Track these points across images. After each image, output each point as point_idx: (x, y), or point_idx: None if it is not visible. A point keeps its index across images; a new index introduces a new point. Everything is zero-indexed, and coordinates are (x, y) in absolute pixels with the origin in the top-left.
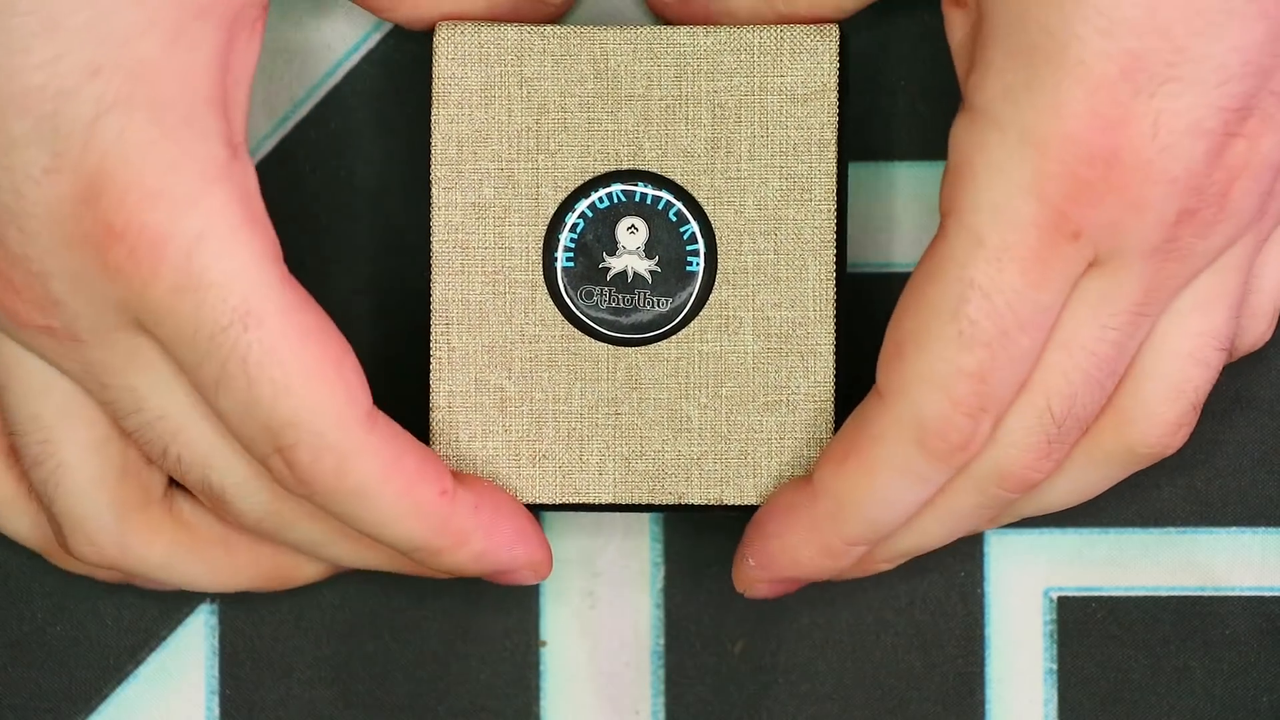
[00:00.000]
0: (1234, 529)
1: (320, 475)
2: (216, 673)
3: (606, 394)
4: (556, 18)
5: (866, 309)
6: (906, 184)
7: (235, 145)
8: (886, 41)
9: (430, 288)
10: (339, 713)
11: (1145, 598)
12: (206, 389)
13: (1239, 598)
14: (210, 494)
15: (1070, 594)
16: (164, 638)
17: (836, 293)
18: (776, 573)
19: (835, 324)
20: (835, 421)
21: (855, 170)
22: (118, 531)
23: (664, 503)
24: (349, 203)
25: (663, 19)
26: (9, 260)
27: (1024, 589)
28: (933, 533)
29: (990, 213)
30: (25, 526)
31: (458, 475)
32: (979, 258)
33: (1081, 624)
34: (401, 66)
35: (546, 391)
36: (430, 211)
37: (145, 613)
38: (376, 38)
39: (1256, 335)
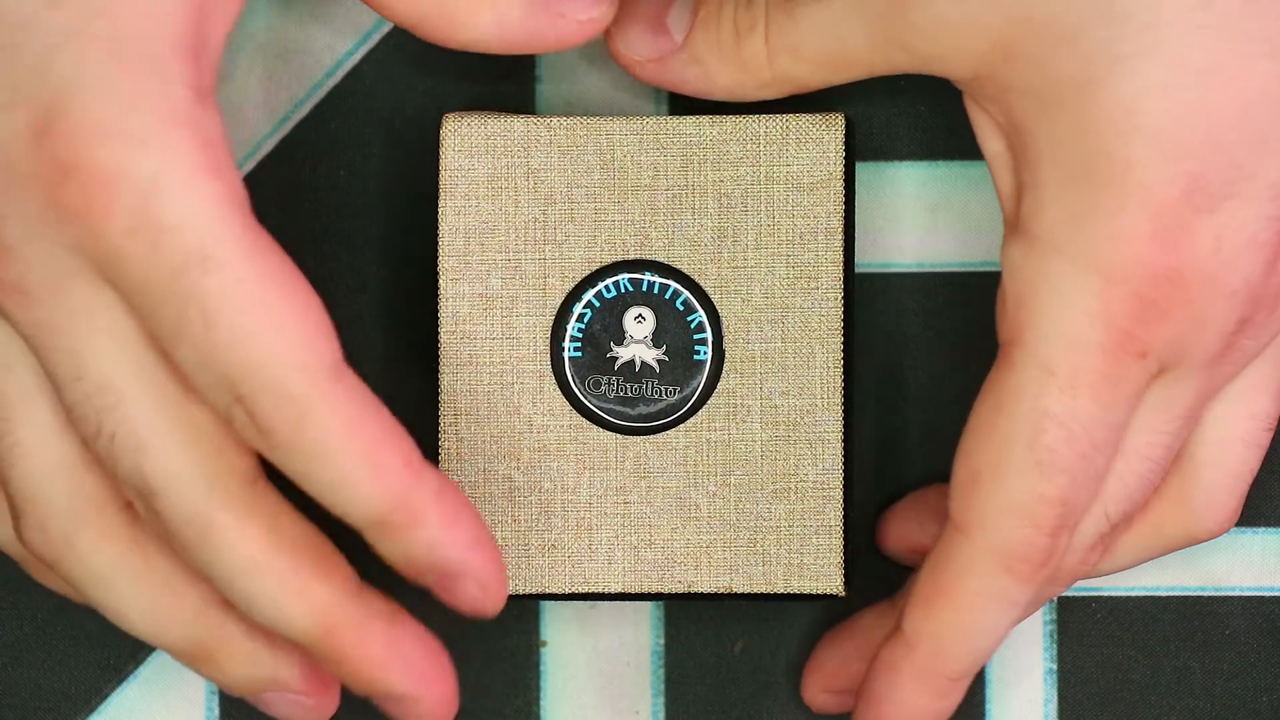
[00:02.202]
0: (1234, 529)
1: (280, 426)
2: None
3: (615, 483)
4: (580, 42)
5: (868, 309)
6: (907, 184)
7: (201, 90)
8: None
9: (438, 379)
10: (339, 714)
11: (1145, 598)
12: (165, 338)
13: (1239, 598)
14: (140, 486)
15: (1070, 594)
16: None
17: (844, 380)
18: None
19: (843, 411)
20: (844, 509)
21: (859, 170)
22: (68, 524)
23: (673, 591)
24: (349, 203)
25: (634, 77)
26: None
27: None
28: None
29: (1058, 342)
30: (4, 532)
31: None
32: (1051, 387)
33: (1081, 624)
34: (402, 67)
35: (555, 481)
36: (437, 303)
37: None
38: (377, 38)
39: None
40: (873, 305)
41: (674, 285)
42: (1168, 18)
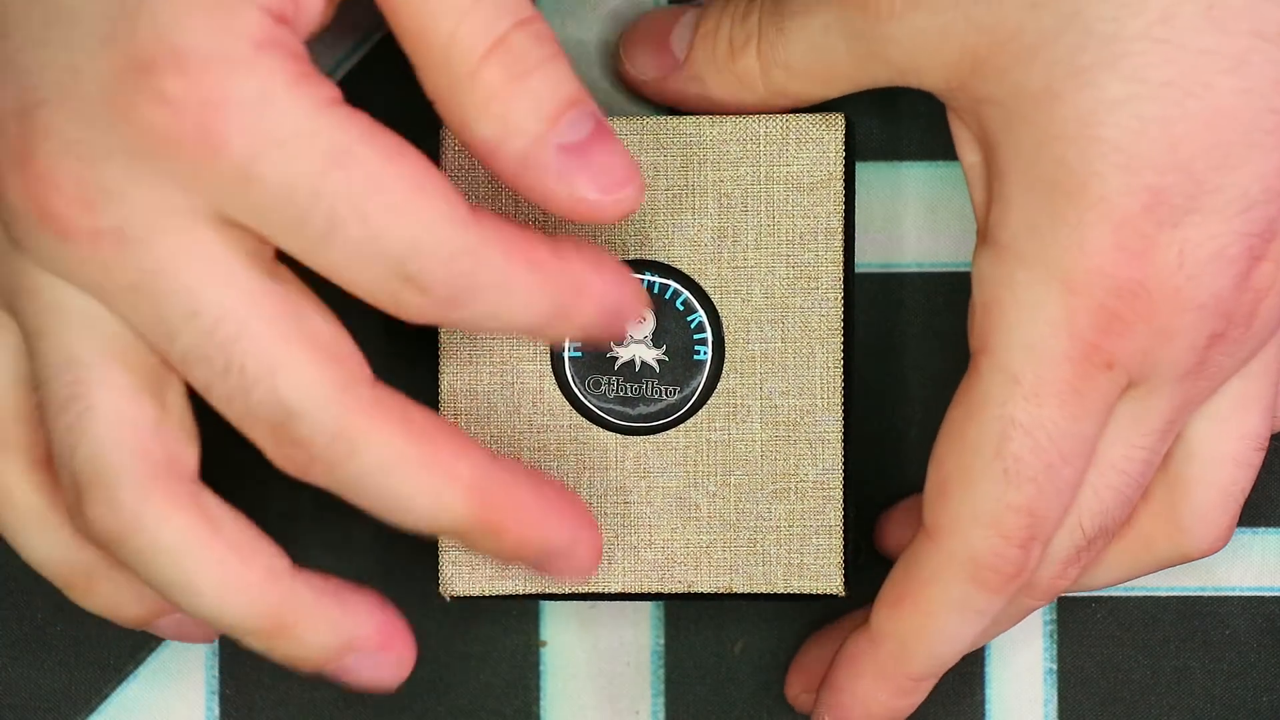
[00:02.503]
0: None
1: (456, 279)
2: (216, 673)
3: (615, 483)
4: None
5: (868, 309)
6: (907, 184)
7: (276, 14)
8: None
9: (438, 379)
10: (339, 713)
11: (1145, 598)
12: (313, 245)
13: (1239, 598)
14: (276, 412)
15: (1070, 594)
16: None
17: (844, 380)
18: None
19: (843, 411)
20: (844, 509)
21: (859, 170)
22: (138, 495)
23: (673, 591)
24: None
25: (641, 98)
26: (58, 151)
27: None
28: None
29: (1023, 350)
30: (49, 551)
31: None
32: (1016, 395)
33: (1081, 624)
34: (402, 68)
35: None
36: None
37: None
38: (376, 37)
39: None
40: (873, 305)
41: (674, 285)
42: (1129, 31)
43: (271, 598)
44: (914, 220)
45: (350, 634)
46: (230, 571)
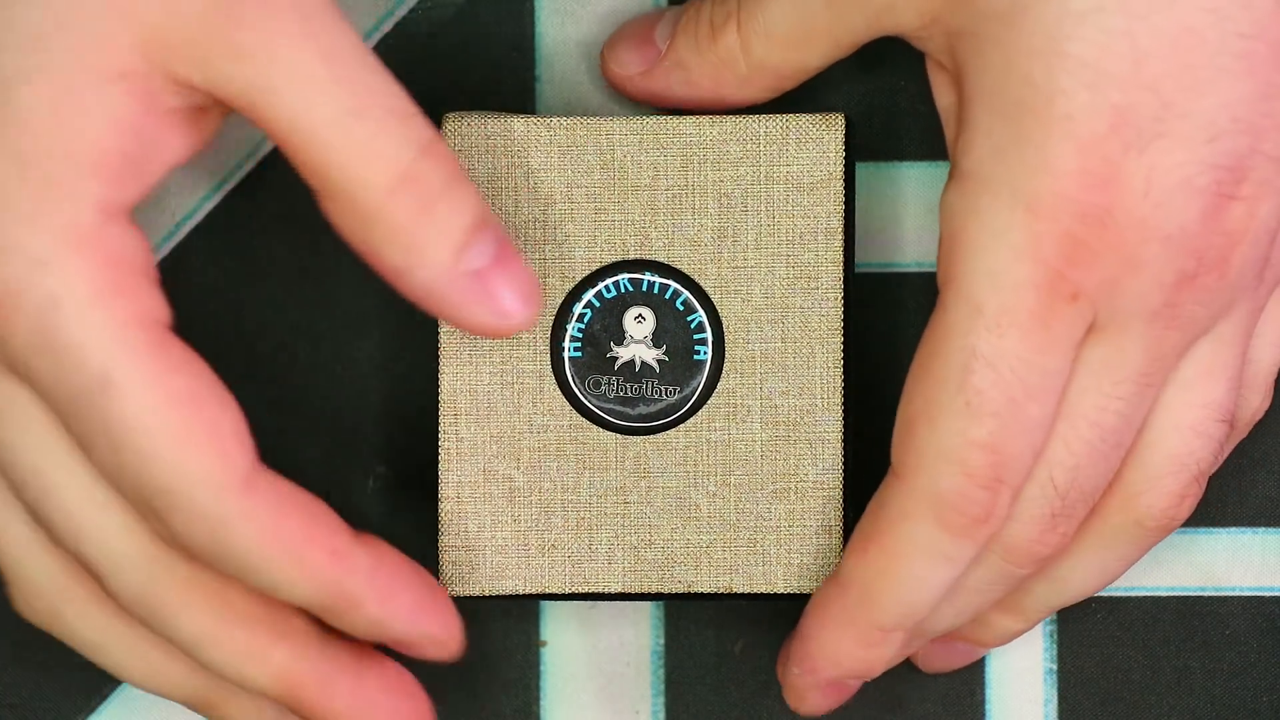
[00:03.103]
0: (1234, 529)
1: (199, 540)
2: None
3: (615, 483)
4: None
5: (872, 309)
6: (907, 184)
7: (112, 210)
8: (886, 41)
9: (439, 379)
10: None
11: (1145, 598)
12: (80, 446)
13: (1239, 598)
14: (85, 565)
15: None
16: None
17: (844, 380)
18: (821, 674)
19: (843, 411)
20: (844, 509)
21: (859, 170)
22: (53, 598)
23: (673, 591)
24: None
25: (626, 95)
26: None
27: None
28: (948, 610)
29: (987, 278)
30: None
31: (364, 539)
32: (979, 326)
33: (1081, 624)
34: (402, 67)
35: (555, 481)
36: None
37: None
38: (377, 38)
39: (1254, 407)
40: (873, 305)
41: (674, 285)
42: None
43: (195, 683)
44: (913, 220)
45: (276, 715)
46: (154, 662)
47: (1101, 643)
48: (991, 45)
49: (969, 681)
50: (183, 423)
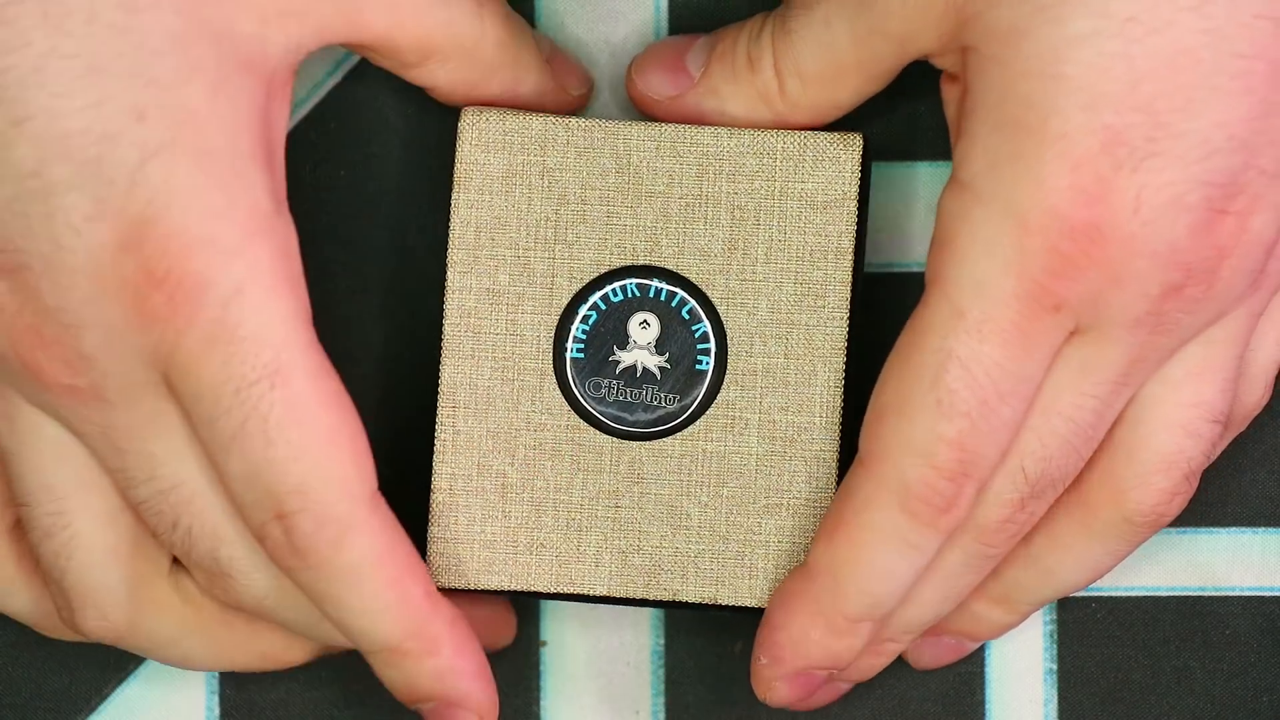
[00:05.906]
0: (1234, 529)
1: (319, 546)
2: (216, 673)
3: (608, 486)
4: (577, 109)
5: (880, 309)
6: (914, 184)
7: (279, 200)
8: None
9: (440, 370)
10: (339, 713)
11: (1145, 598)
12: (218, 448)
13: (1239, 598)
14: (216, 569)
15: (1070, 594)
16: None
17: (844, 400)
18: (789, 665)
19: (841, 431)
20: None
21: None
22: (129, 605)
23: (659, 598)
24: (349, 203)
25: (651, 116)
26: (41, 314)
27: None
28: (929, 599)
29: (972, 286)
30: (23, 604)
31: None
32: (959, 329)
33: (1081, 624)
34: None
35: (548, 480)
36: (444, 295)
37: None
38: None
39: (1254, 400)
40: (876, 305)
41: (681, 294)
42: None
43: (261, 647)
44: (920, 220)
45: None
46: (220, 641)
47: (1101, 643)
48: (994, 63)
49: (969, 681)
50: (334, 425)
